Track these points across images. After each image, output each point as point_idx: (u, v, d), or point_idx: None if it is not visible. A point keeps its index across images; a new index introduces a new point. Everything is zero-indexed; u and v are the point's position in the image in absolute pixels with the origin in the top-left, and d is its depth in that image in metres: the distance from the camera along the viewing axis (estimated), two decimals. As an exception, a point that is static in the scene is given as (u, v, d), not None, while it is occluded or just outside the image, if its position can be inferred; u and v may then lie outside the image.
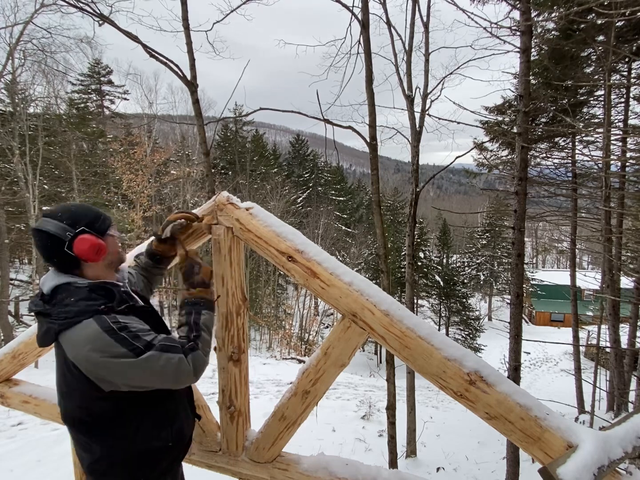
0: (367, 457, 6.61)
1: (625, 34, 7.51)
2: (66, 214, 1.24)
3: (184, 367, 1.20)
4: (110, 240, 1.32)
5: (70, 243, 1.21)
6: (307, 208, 32.97)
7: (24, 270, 23.94)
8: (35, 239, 1.24)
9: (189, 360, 1.22)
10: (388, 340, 1.38)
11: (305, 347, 23.20)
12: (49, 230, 1.21)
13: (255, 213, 1.63)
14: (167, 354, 1.18)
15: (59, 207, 1.28)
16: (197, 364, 1.24)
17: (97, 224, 1.28)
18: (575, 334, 10.64)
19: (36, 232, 1.22)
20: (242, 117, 27.58)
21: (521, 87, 5.22)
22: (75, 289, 1.22)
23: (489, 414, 1.27)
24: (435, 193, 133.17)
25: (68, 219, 1.22)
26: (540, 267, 47.27)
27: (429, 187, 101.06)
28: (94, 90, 25.97)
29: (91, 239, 1.23)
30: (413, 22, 7.17)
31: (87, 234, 1.23)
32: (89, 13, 5.12)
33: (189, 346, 1.25)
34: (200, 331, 1.30)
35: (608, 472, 1.11)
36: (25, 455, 5.13)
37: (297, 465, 1.72)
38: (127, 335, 1.15)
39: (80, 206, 1.30)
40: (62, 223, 1.21)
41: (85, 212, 1.27)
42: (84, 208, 1.30)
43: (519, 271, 5.40)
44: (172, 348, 1.20)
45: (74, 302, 1.18)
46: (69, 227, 1.21)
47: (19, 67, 14.55)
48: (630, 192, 9.45)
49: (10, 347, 2.16)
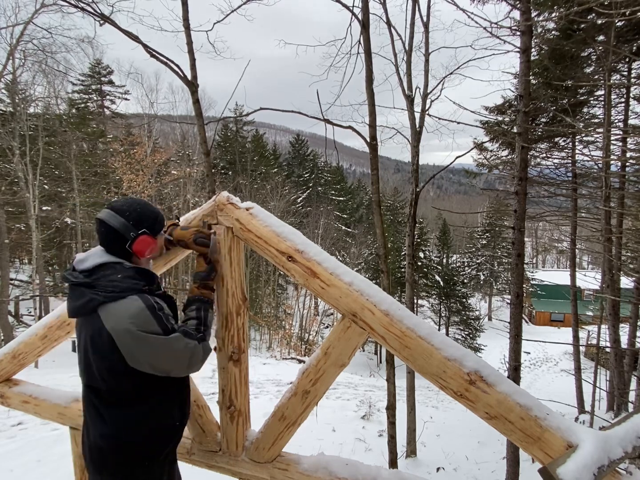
0: (367, 457, 6.60)
1: (625, 34, 7.51)
2: (133, 214, 1.36)
3: (197, 353, 1.37)
4: (160, 239, 1.49)
5: (132, 242, 1.36)
6: (307, 208, 32.98)
7: (24, 270, 23.95)
8: (99, 227, 1.36)
9: (201, 348, 1.39)
10: (388, 340, 1.38)
11: (305, 347, 23.20)
12: (115, 225, 1.34)
13: (255, 213, 1.63)
14: (187, 339, 1.34)
15: (127, 203, 1.39)
16: (206, 353, 1.42)
17: (156, 225, 1.43)
18: (575, 334, 10.63)
19: (102, 222, 1.35)
20: (242, 117, 27.60)
21: (521, 87, 5.22)
22: (122, 268, 1.35)
23: (489, 413, 1.27)
24: (435, 193, 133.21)
25: (134, 219, 1.36)
26: (540, 267, 47.26)
27: (429, 187, 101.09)
28: (94, 90, 25.96)
29: (150, 240, 1.39)
30: (413, 22, 7.17)
31: (147, 236, 1.39)
32: (90, 13, 5.12)
33: (200, 337, 1.41)
34: (207, 327, 1.47)
35: (608, 472, 1.11)
36: (25, 455, 5.13)
37: (297, 465, 1.72)
38: (163, 315, 1.32)
39: (144, 206, 1.42)
40: (128, 222, 1.35)
41: (149, 214, 1.41)
42: (148, 209, 1.42)
43: (519, 271, 5.40)
44: (190, 335, 1.37)
45: (120, 278, 1.31)
46: (133, 228, 1.36)
47: (20, 67, 14.59)
48: (630, 192, 9.45)
49: (10, 347, 2.16)
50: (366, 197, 42.78)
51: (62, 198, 19.13)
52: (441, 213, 42.40)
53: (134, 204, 1.39)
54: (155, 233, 1.43)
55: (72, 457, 2.20)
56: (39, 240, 15.02)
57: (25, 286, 20.23)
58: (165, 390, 1.42)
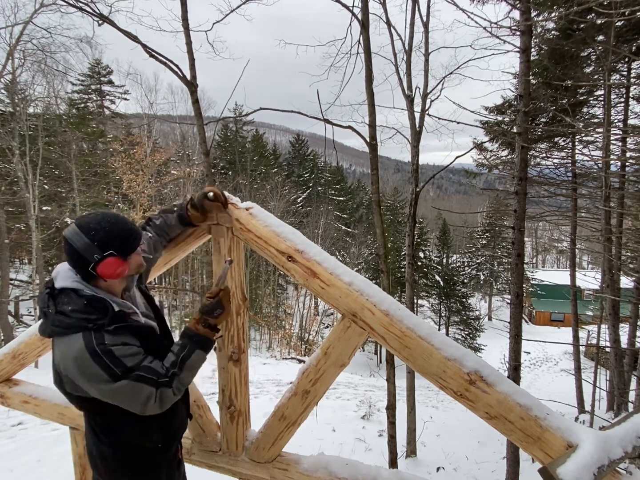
0: (367, 457, 6.61)
1: (625, 34, 7.51)
2: (99, 234, 1.21)
3: (151, 401, 1.23)
4: (134, 259, 1.31)
5: (96, 265, 1.22)
6: (307, 208, 32.97)
7: (24, 270, 23.94)
8: (64, 244, 1.24)
9: (158, 395, 1.24)
10: (388, 340, 1.38)
11: (305, 347, 23.20)
12: (77, 247, 1.21)
13: (255, 213, 1.63)
14: (140, 384, 1.21)
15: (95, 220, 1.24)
16: (164, 401, 1.27)
17: (127, 245, 1.27)
18: (575, 333, 10.63)
19: (65, 240, 1.23)
20: (242, 117, 27.59)
21: (521, 87, 5.22)
22: (76, 297, 1.23)
23: (489, 413, 1.27)
24: (435, 193, 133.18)
25: (99, 240, 1.21)
26: (540, 267, 47.25)
27: (429, 187, 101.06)
28: (94, 90, 25.95)
29: (117, 263, 1.24)
30: (413, 22, 7.17)
31: (115, 258, 1.23)
32: (89, 13, 5.11)
33: (164, 382, 1.26)
34: (183, 370, 1.31)
35: (608, 471, 1.11)
36: (25, 455, 5.13)
37: (297, 465, 1.72)
38: (108, 360, 1.18)
39: (115, 224, 1.25)
40: (92, 243, 1.20)
41: (118, 233, 1.24)
42: (119, 227, 1.25)
43: (519, 271, 5.40)
44: (147, 380, 1.23)
45: (70, 311, 1.21)
46: (98, 250, 1.21)
47: (19, 67, 14.56)
48: (630, 192, 9.45)
49: (10, 347, 2.16)
50: (366, 197, 42.77)
51: (62, 198, 19.11)
52: (441, 213, 42.39)
53: (103, 222, 1.23)
54: (126, 254, 1.26)
55: (72, 457, 2.20)
56: (39, 240, 15.01)
57: (25, 286, 20.22)
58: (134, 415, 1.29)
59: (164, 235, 1.66)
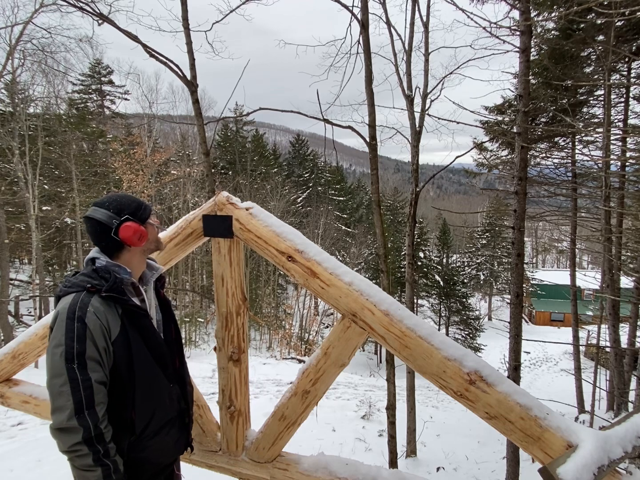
0: (367, 457, 6.61)
1: (625, 34, 7.50)
2: (113, 204, 1.33)
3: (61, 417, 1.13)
4: (150, 227, 1.40)
5: (117, 229, 1.31)
6: (307, 208, 32.95)
7: (24, 270, 23.93)
8: (86, 225, 1.35)
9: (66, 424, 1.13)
10: (388, 340, 1.38)
11: (305, 347, 23.19)
12: (98, 218, 1.31)
13: (255, 213, 1.63)
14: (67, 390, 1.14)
15: (106, 197, 1.38)
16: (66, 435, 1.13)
17: (139, 212, 1.37)
18: (575, 333, 10.63)
19: (87, 219, 1.33)
20: (241, 117, 27.58)
21: (521, 86, 5.22)
22: (90, 264, 1.32)
23: (489, 413, 1.27)
24: (435, 193, 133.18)
25: (114, 208, 1.32)
26: (540, 267, 47.23)
27: (429, 187, 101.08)
28: (94, 90, 25.95)
29: (134, 226, 1.32)
30: (413, 21, 7.17)
31: (131, 222, 1.33)
32: (89, 13, 5.11)
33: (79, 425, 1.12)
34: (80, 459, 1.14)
35: (608, 471, 1.11)
36: (25, 455, 5.13)
37: (297, 465, 1.72)
38: (78, 330, 1.17)
39: (124, 196, 1.39)
40: (109, 211, 1.32)
41: (129, 202, 1.36)
42: (128, 198, 1.38)
43: (519, 271, 5.39)
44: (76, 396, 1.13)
45: (79, 274, 1.30)
46: (115, 215, 1.32)
47: (19, 67, 14.55)
48: (630, 191, 9.45)
49: (10, 347, 2.16)
50: (366, 197, 42.75)
51: (62, 198, 19.10)
52: (441, 213, 42.36)
53: (114, 196, 1.37)
54: (140, 220, 1.36)
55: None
56: (39, 240, 15.01)
57: (25, 286, 20.22)
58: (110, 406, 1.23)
59: None
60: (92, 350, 1.18)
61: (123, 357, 1.25)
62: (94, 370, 1.18)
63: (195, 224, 1.74)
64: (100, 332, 1.20)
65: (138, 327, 1.30)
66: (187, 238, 1.78)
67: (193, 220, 1.75)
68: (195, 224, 1.74)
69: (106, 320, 1.22)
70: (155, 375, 1.34)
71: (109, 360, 1.23)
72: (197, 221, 1.74)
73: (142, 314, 1.32)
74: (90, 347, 1.17)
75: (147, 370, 1.30)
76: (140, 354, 1.29)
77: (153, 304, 1.45)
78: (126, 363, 1.25)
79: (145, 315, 1.33)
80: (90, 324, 1.18)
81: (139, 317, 1.31)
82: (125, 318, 1.27)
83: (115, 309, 1.26)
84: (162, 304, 1.49)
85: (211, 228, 1.70)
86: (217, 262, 1.71)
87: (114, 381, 1.25)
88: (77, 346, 1.16)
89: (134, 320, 1.29)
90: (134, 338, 1.28)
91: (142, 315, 1.32)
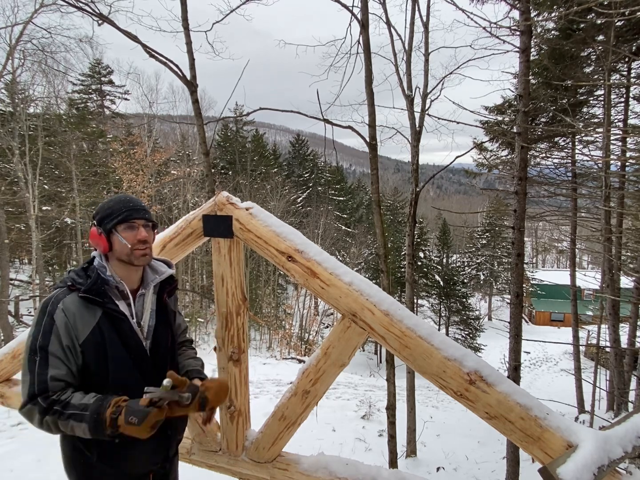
0: (367, 457, 6.60)
1: (625, 34, 7.50)
2: (100, 206, 1.38)
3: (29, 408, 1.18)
4: (114, 238, 1.32)
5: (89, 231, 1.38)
6: (307, 208, 32.96)
7: (24, 270, 23.92)
8: None
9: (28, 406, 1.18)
10: (388, 340, 1.38)
11: (305, 347, 23.18)
12: None
13: (255, 213, 1.63)
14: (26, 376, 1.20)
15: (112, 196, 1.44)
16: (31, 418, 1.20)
17: (105, 221, 1.34)
18: (575, 333, 10.64)
19: None
20: (241, 117, 27.57)
21: (521, 86, 5.22)
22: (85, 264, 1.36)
23: (489, 413, 1.27)
24: (435, 193, 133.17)
25: (96, 210, 1.38)
26: (540, 267, 47.23)
27: (429, 187, 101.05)
28: (94, 90, 25.94)
29: (93, 233, 1.35)
30: (413, 21, 7.17)
31: (95, 228, 1.35)
32: (89, 13, 5.11)
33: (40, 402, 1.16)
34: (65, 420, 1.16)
35: (608, 471, 1.11)
36: (25, 455, 5.12)
37: (297, 465, 1.72)
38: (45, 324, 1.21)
39: (108, 201, 1.38)
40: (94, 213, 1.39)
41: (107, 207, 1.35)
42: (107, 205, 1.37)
43: (519, 271, 5.39)
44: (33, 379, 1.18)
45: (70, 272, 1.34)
46: (92, 218, 1.38)
47: (19, 67, 14.55)
48: (630, 191, 9.44)
49: (10, 347, 2.16)
50: (366, 197, 42.76)
51: (62, 198, 19.10)
52: (441, 213, 42.36)
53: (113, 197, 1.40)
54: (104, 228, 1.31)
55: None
56: (39, 240, 15.01)
57: (25, 286, 20.20)
58: None
59: None
60: (55, 346, 1.20)
61: (94, 358, 1.24)
62: (55, 366, 1.19)
63: (195, 224, 1.74)
64: (66, 330, 1.21)
65: (117, 330, 1.28)
66: (187, 238, 1.78)
67: (193, 220, 1.75)
68: (195, 224, 1.74)
69: (74, 320, 1.22)
70: (132, 379, 1.28)
71: (76, 359, 1.23)
72: (197, 221, 1.74)
73: (120, 318, 1.29)
74: (53, 342, 1.20)
75: (123, 373, 1.27)
76: (117, 357, 1.26)
77: (148, 309, 1.39)
78: (99, 365, 1.24)
79: (123, 320, 1.29)
80: (58, 320, 1.21)
81: (118, 321, 1.28)
82: (105, 319, 1.26)
83: (93, 309, 1.25)
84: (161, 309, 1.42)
85: (211, 228, 1.70)
86: (217, 262, 1.71)
87: (86, 381, 1.25)
88: (41, 339, 1.20)
89: (114, 323, 1.27)
90: (111, 340, 1.25)
91: (120, 320, 1.29)
